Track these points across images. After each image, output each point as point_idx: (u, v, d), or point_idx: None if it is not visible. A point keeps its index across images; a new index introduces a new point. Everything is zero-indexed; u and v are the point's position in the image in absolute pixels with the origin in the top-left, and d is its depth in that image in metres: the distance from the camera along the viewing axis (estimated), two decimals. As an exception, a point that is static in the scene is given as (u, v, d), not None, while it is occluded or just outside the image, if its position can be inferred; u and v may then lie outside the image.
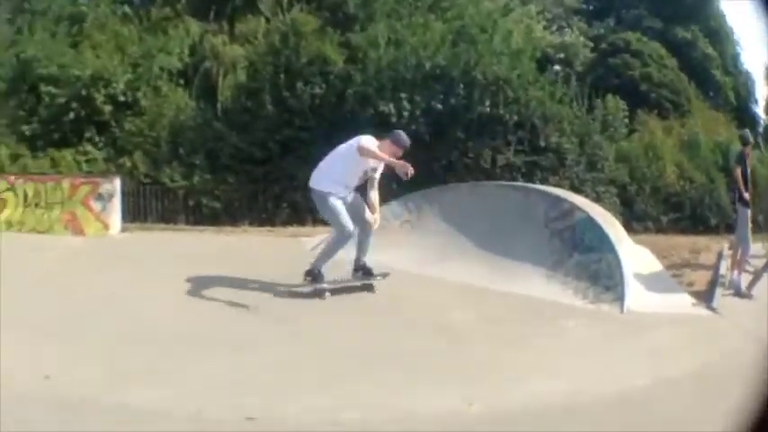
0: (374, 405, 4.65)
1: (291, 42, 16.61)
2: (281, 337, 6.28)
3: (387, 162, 7.80)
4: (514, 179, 14.06)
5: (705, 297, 7.86)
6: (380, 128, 14.23)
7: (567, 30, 22.18)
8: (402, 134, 8.18)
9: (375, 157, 7.82)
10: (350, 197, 8.10)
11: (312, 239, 10.89)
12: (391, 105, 14.92)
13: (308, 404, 4.66)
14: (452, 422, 4.48)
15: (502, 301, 7.54)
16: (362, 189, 8.23)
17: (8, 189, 14.84)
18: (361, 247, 8.21)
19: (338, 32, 16.73)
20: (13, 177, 15.30)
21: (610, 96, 17.63)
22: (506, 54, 15.77)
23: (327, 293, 7.65)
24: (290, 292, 7.76)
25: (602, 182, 15.70)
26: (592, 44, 23.02)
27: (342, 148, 8.19)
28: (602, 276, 7.83)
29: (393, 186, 9.84)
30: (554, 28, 21.51)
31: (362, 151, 7.75)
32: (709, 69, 27.86)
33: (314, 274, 7.86)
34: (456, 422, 4.49)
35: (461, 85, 15.10)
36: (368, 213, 8.06)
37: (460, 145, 15.13)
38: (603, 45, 24.78)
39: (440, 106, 14.98)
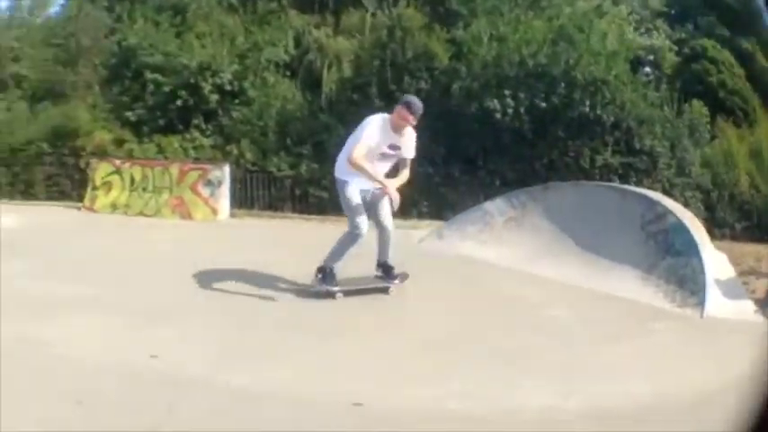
0: (477, 397, 4.89)
1: (398, 37, 16.96)
2: (384, 326, 6.65)
3: (372, 179, 7.58)
4: (611, 180, 14.30)
5: (763, 304, 8.08)
6: (485, 124, 15.13)
7: (654, 32, 22.03)
8: (414, 98, 7.96)
9: (359, 170, 7.52)
10: (371, 194, 7.80)
11: (419, 232, 11.23)
12: (496, 102, 15.12)
13: (412, 393, 4.89)
14: (550, 416, 4.70)
15: (598, 301, 7.78)
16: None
17: (114, 172, 15.83)
18: (380, 249, 8.03)
19: (443, 29, 16.98)
20: (118, 161, 16.18)
21: (695, 101, 17.50)
22: (603, 55, 15.93)
23: (339, 294, 7.57)
24: (301, 292, 7.82)
25: (689, 187, 15.79)
26: (676, 48, 22.85)
27: (357, 130, 7.92)
28: (688, 281, 7.99)
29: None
30: (642, 30, 21.38)
31: (351, 162, 7.50)
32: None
33: (325, 273, 7.67)
34: (554, 416, 4.71)
35: (562, 85, 15.32)
36: (387, 218, 7.82)
37: (561, 144, 15.39)
38: (685, 50, 24.59)
39: (543, 104, 15.16)
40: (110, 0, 23.80)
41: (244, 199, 15.50)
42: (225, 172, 14.68)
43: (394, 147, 7.72)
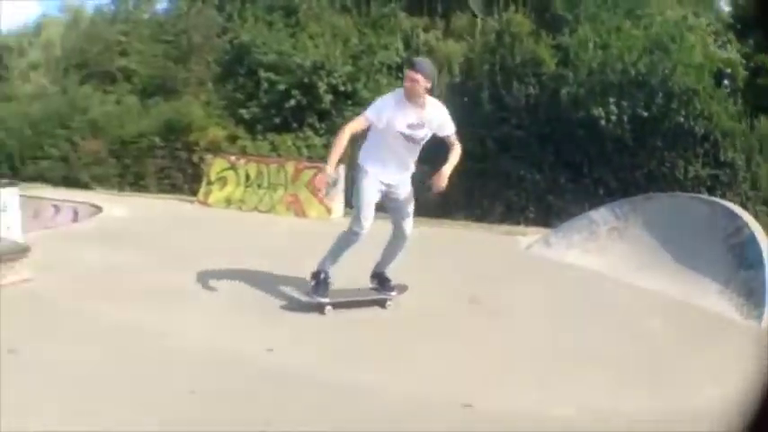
0: (582, 404, 5.05)
1: (506, 42, 17.58)
2: (496, 329, 6.80)
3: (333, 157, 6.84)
4: (699, 192, 14.70)
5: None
6: (590, 131, 15.69)
7: (728, 45, 22.08)
8: (419, 58, 7.65)
9: (336, 140, 6.93)
10: (397, 191, 7.22)
11: (527, 238, 11.70)
12: (600, 109, 15.60)
13: (520, 397, 5.09)
14: (643, 421, 4.89)
15: (687, 313, 8.03)
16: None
17: (229, 168, 16.86)
18: (385, 255, 7.46)
19: (549, 35, 17.56)
20: (234, 157, 17.25)
21: (763, 117, 17.63)
22: (692, 66, 16.30)
23: (328, 308, 7.02)
24: (291, 303, 7.45)
25: (759, 200, 16.01)
26: (744, 61, 22.82)
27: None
28: (755, 294, 8.21)
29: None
30: (719, 43, 21.50)
31: (340, 131, 6.98)
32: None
33: (318, 280, 7.12)
34: (647, 420, 4.91)
35: (660, 94, 15.78)
36: (409, 222, 7.28)
37: (659, 154, 15.82)
38: (751, 64, 24.42)
39: (645, 113, 15.64)
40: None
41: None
42: (340, 172, 14.42)
43: (417, 125, 6.93)
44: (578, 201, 14.33)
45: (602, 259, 9.86)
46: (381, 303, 7.42)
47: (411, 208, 7.34)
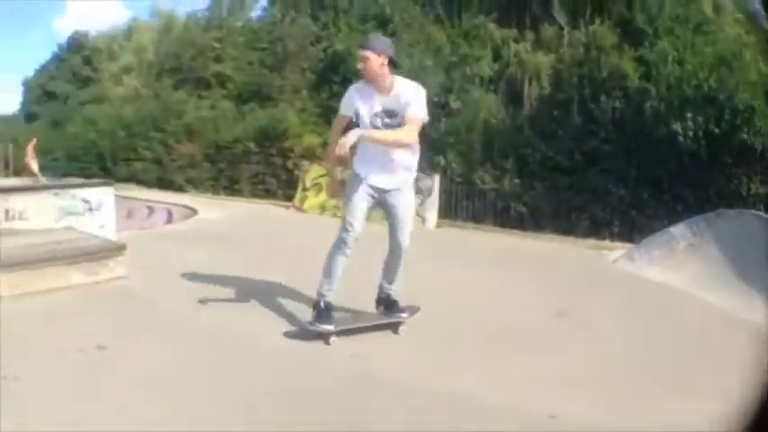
0: (652, 419, 5.08)
1: (593, 55, 18.29)
2: (581, 342, 6.90)
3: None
4: (758, 209, 14.36)
5: None
6: (670, 147, 16.14)
7: None
8: (371, 35, 7.21)
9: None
10: (391, 198, 6.51)
11: (613, 253, 11.97)
12: (678, 124, 16.08)
13: (602, 409, 5.16)
14: None
15: (747, 331, 7.80)
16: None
17: (325, 175, 16.67)
18: (386, 272, 6.84)
19: (631, 48, 18.07)
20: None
21: None
22: (749, 83, 16.56)
23: (333, 337, 6.32)
24: (292, 332, 6.88)
25: None
26: None
27: None
28: None
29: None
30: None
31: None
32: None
33: (318, 308, 6.47)
34: None
35: (727, 110, 16.11)
36: (405, 232, 6.53)
37: (728, 170, 16.17)
38: None
39: (717, 130, 16.00)
40: (313, 8, 26.54)
41: (448, 209, 16.47)
42: (434, 182, 15.59)
43: (386, 113, 6.22)
44: (659, 216, 14.85)
45: (680, 275, 10.05)
46: (394, 327, 6.73)
47: (409, 218, 6.62)
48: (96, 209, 11.40)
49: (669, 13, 18.21)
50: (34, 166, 29.49)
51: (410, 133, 6.13)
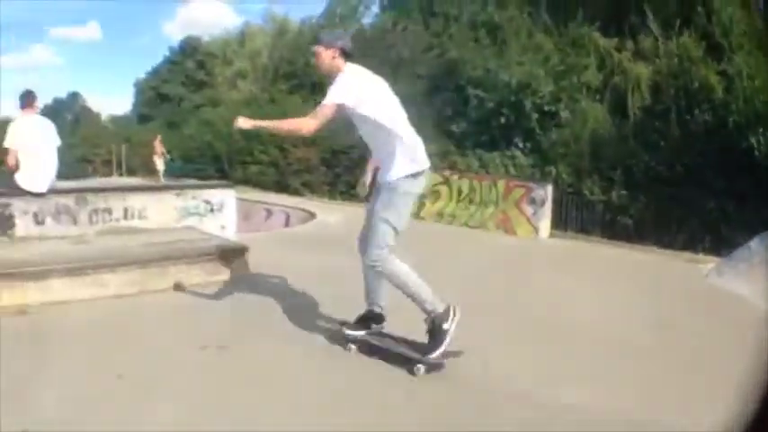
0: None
1: (687, 66, 18.91)
2: (684, 349, 7.01)
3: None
4: None
5: None
6: (749, 160, 16.45)
7: None
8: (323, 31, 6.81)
9: None
10: (372, 201, 6.21)
11: (706, 266, 12.13)
12: (754, 139, 16.52)
13: (701, 417, 4.94)
14: None
15: None
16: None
17: (442, 183, 17.92)
18: (366, 289, 6.38)
19: (713, 61, 18.57)
20: (447, 172, 18.52)
21: None
22: None
23: (351, 346, 6.23)
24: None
25: None
26: None
27: None
28: None
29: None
30: None
31: None
32: None
33: (361, 317, 6.33)
34: None
35: None
36: (369, 246, 5.98)
37: None
38: None
39: None
40: (424, 15, 27.69)
41: (558, 219, 16.64)
42: (548, 192, 15.82)
43: (355, 116, 6.00)
44: (743, 230, 14.44)
45: (751, 288, 10.06)
46: (410, 370, 5.78)
47: (373, 226, 6.03)
48: (218, 210, 11.96)
49: (739, 28, 18.75)
50: (159, 164, 31.32)
51: (306, 121, 5.75)
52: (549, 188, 16.07)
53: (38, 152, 9.83)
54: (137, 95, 56.37)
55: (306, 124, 5.77)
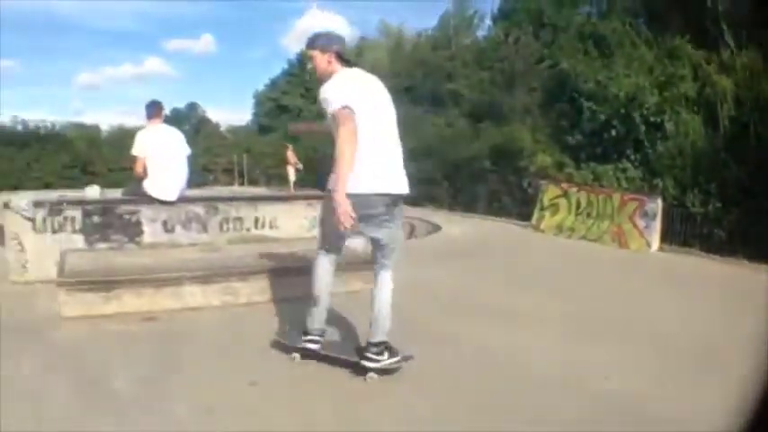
0: None
1: (756, 79, 19.80)
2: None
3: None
4: None
5: None
6: None
7: None
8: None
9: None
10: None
11: None
12: None
13: None
14: None
15: None
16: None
17: (561, 195, 18.90)
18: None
19: None
20: (566, 185, 19.40)
21: None
22: None
23: (295, 354, 6.34)
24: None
25: None
26: None
27: None
28: None
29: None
30: None
31: None
32: None
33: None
34: None
35: None
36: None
37: None
38: None
39: None
40: (534, 26, 28.80)
41: (664, 233, 16.73)
42: (658, 205, 16.33)
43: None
44: None
45: None
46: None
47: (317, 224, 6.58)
48: None
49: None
50: (292, 174, 32.68)
51: (347, 142, 5.56)
52: (659, 201, 16.67)
53: (166, 161, 10.25)
54: (256, 106, 58.66)
55: (349, 145, 5.54)
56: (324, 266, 6.22)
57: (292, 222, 11.55)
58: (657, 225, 16.34)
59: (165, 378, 5.83)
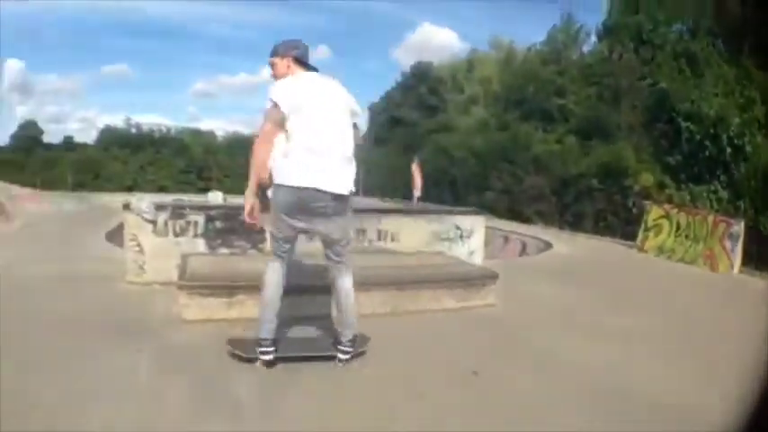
0: None
1: None
2: None
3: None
4: None
5: None
6: None
7: None
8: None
9: None
10: None
11: None
12: None
13: None
14: None
15: None
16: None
17: (664, 216, 19.44)
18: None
19: None
20: (668, 206, 20.12)
21: None
22: None
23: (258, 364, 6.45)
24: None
25: None
26: None
27: None
28: None
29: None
30: None
31: None
32: None
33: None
34: None
35: None
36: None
37: None
38: None
39: None
40: (635, 43, 29.83)
41: (743, 255, 16.97)
42: (741, 227, 16.80)
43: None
44: None
45: None
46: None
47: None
48: (467, 236, 12.46)
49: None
50: (417, 191, 33.66)
51: (258, 141, 6.14)
52: (742, 223, 17.23)
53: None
54: (371, 118, 60.86)
55: (259, 144, 6.02)
56: (270, 273, 6.37)
57: (414, 236, 12.00)
58: (740, 248, 16.86)
59: (283, 385, 6.00)
